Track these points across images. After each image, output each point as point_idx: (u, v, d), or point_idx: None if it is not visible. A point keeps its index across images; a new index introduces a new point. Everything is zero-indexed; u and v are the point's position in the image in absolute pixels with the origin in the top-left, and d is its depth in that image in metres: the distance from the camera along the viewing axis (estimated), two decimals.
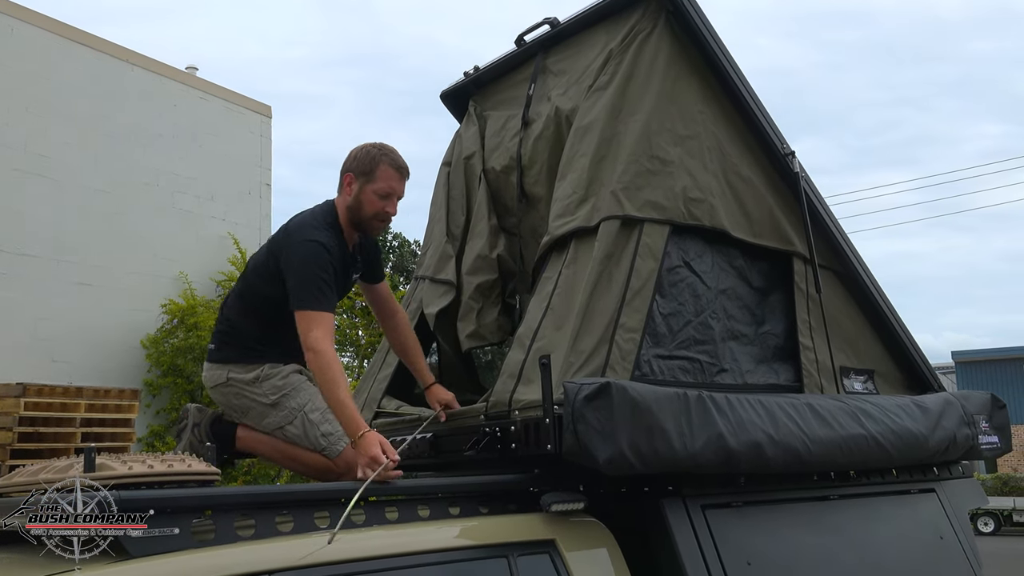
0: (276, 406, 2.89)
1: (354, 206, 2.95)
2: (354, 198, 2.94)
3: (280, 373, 2.91)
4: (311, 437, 2.85)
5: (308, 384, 2.92)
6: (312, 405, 2.87)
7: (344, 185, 2.97)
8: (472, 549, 2.41)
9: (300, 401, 2.88)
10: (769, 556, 2.82)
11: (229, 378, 2.94)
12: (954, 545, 3.44)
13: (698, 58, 3.30)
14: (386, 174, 2.94)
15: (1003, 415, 3.85)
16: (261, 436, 2.96)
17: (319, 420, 2.86)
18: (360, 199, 2.93)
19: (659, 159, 3.10)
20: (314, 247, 2.80)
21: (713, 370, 3.08)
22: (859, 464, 3.16)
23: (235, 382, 2.93)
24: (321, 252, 2.79)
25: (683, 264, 3.10)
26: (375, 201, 2.93)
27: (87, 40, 10.26)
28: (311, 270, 2.76)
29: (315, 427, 2.85)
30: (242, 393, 2.93)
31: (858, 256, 3.71)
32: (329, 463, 2.83)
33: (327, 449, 2.83)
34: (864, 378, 3.64)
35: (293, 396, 2.89)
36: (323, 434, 2.84)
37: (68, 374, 9.22)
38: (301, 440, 2.86)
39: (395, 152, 2.99)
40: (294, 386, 2.90)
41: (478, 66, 4.07)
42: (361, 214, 2.95)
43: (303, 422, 2.86)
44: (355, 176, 2.95)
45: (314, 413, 2.86)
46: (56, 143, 9.74)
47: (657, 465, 2.52)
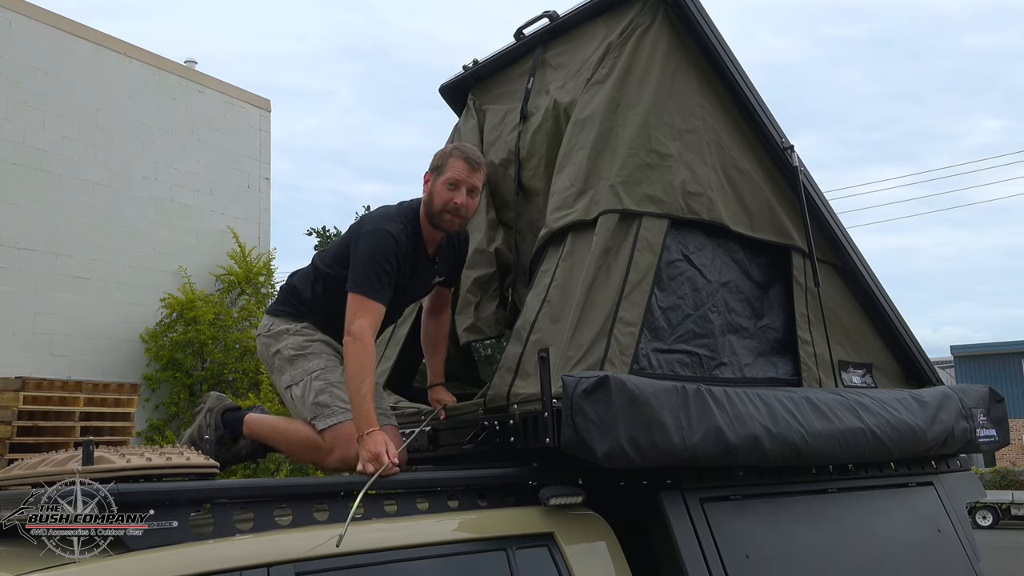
0: (291, 362, 2.93)
1: (428, 201, 2.98)
2: (428, 193, 2.98)
3: (311, 336, 2.95)
4: (307, 402, 2.85)
5: (331, 357, 2.93)
6: (322, 373, 2.87)
7: (424, 185, 3.01)
8: (471, 542, 2.41)
9: (313, 366, 2.90)
10: (767, 549, 2.83)
11: (271, 327, 3.02)
12: (952, 538, 3.45)
13: (697, 52, 3.30)
14: (455, 165, 2.95)
15: (1001, 409, 3.86)
16: (265, 419, 2.99)
17: (320, 388, 2.85)
18: (432, 193, 2.96)
19: (658, 153, 3.09)
20: (383, 236, 2.84)
21: (712, 364, 3.08)
22: (857, 457, 3.17)
23: (274, 331, 3.01)
24: (389, 242, 2.83)
25: (683, 258, 3.10)
26: (443, 192, 2.93)
27: (85, 33, 10.23)
28: (375, 258, 2.80)
29: (314, 393, 2.84)
30: (272, 344, 3.00)
31: (856, 250, 3.71)
32: (317, 438, 2.81)
33: (318, 419, 2.81)
34: (862, 372, 3.64)
35: (309, 359, 2.91)
36: (318, 403, 2.83)
37: (67, 368, 9.23)
38: (299, 404, 2.87)
39: (470, 147, 3.04)
40: (315, 351, 2.93)
41: (477, 60, 4.06)
42: (433, 208, 2.96)
43: (306, 386, 2.87)
44: (431, 172, 3.00)
45: (319, 381, 2.86)
46: (54, 137, 9.73)
47: (655, 458, 2.52)
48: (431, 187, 2.97)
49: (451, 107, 4.26)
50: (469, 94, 4.11)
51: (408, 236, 2.91)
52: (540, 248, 3.19)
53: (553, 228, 3.08)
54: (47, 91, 9.74)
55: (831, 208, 3.66)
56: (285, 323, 3.00)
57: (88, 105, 10.10)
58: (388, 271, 2.81)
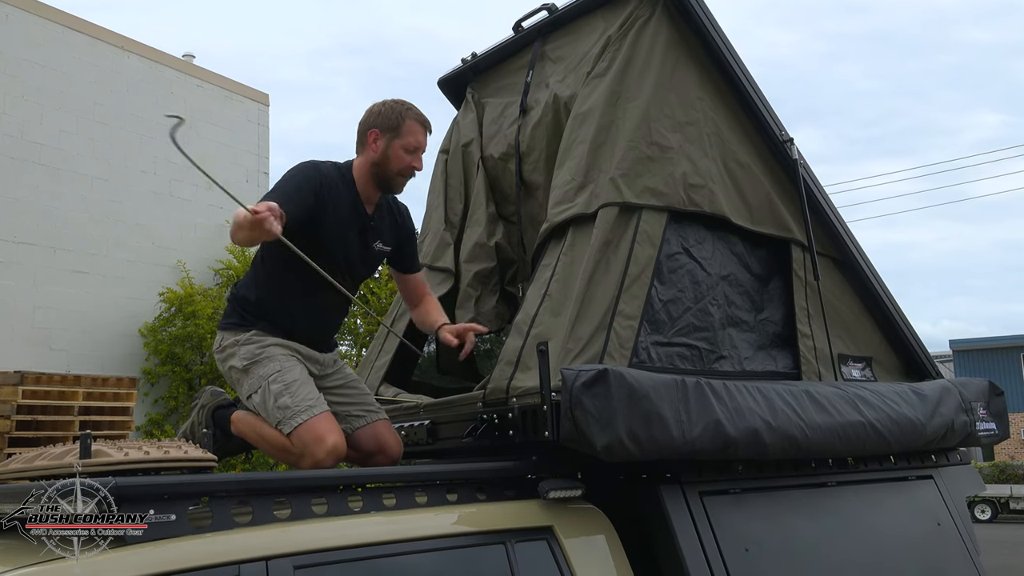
0: (246, 372, 2.82)
1: (381, 161, 2.91)
2: (381, 154, 2.90)
3: (261, 342, 2.85)
4: (269, 408, 2.75)
5: (285, 357, 2.83)
6: (277, 376, 2.77)
7: (369, 142, 2.93)
8: (470, 535, 2.41)
9: (267, 370, 2.79)
10: (767, 543, 2.83)
11: (222, 342, 2.93)
12: (951, 531, 3.45)
13: (696, 44, 3.29)
14: (413, 129, 2.91)
15: (1000, 402, 3.85)
16: (248, 420, 2.90)
17: (279, 391, 2.75)
18: (388, 155, 2.90)
19: (658, 145, 3.08)
20: (303, 163, 2.83)
21: (712, 357, 3.08)
22: (857, 451, 3.16)
23: (225, 345, 2.91)
24: (307, 167, 2.82)
25: (683, 251, 3.09)
26: (402, 156, 2.90)
27: (83, 27, 10.22)
28: (289, 175, 2.78)
29: (273, 397, 2.74)
30: (226, 359, 2.90)
31: (856, 244, 3.70)
32: (286, 441, 2.72)
33: (282, 423, 2.72)
34: (862, 365, 3.64)
35: (264, 364, 2.81)
36: (279, 406, 2.73)
37: (66, 362, 9.24)
38: (263, 411, 2.78)
39: (417, 107, 2.98)
40: (268, 356, 2.82)
41: (476, 53, 4.04)
42: (388, 170, 2.91)
43: (265, 391, 2.77)
44: (381, 132, 2.91)
45: (276, 384, 2.76)
46: (52, 131, 9.72)
47: (655, 452, 2.51)
48: (385, 148, 2.90)
49: (450, 100, 4.24)
50: (468, 87, 4.09)
51: (337, 177, 2.86)
52: (541, 242, 3.18)
53: (554, 222, 3.07)
54: (45, 85, 9.73)
55: (831, 201, 3.65)
56: (234, 335, 2.89)
57: (86, 99, 10.09)
58: (299, 188, 2.73)
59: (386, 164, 2.90)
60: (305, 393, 2.75)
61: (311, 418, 2.68)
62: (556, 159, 3.25)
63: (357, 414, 2.96)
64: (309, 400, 2.73)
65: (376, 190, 2.96)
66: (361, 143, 2.95)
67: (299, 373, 2.80)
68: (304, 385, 2.77)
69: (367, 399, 3.03)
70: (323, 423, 2.69)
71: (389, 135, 2.90)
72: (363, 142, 2.94)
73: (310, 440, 2.65)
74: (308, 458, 2.66)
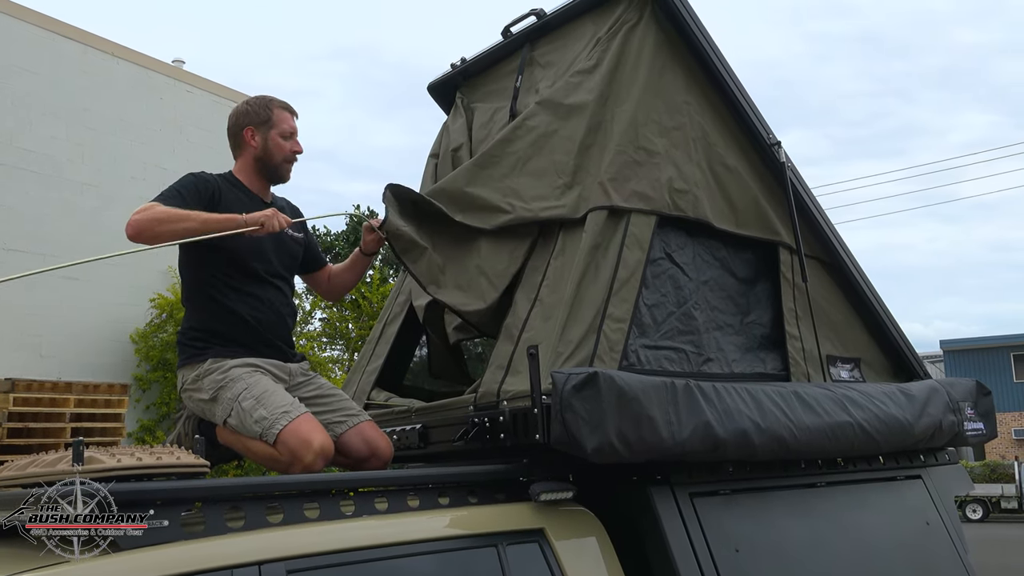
0: (216, 400, 2.82)
1: (263, 156, 3.05)
2: (261, 148, 3.05)
3: (221, 367, 2.84)
4: (247, 425, 2.75)
5: (248, 374, 2.83)
6: (246, 393, 2.77)
7: (247, 141, 3.06)
8: (461, 538, 2.42)
9: (235, 391, 2.79)
10: (757, 543, 2.85)
11: (184, 381, 2.91)
12: (940, 530, 3.48)
13: (684, 48, 3.31)
14: (282, 116, 3.08)
15: (988, 402, 3.89)
16: (231, 433, 2.87)
17: (251, 407, 2.75)
18: (267, 146, 3.04)
19: (645, 150, 3.11)
20: (193, 173, 2.97)
21: (699, 360, 3.10)
22: (845, 451, 3.19)
23: (187, 382, 2.90)
24: (199, 175, 2.97)
25: (665, 256, 3.12)
26: (282, 144, 3.05)
27: (73, 34, 10.19)
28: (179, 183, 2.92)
29: (248, 414, 2.74)
30: (193, 394, 2.89)
31: (844, 245, 3.73)
32: (272, 450, 2.72)
33: (264, 434, 2.71)
34: (850, 366, 3.66)
35: (229, 388, 2.80)
36: (256, 420, 2.73)
37: (57, 369, 9.20)
38: (242, 430, 2.77)
39: (277, 97, 3.13)
40: (232, 378, 2.82)
41: (465, 58, 4.06)
42: (272, 160, 3.05)
43: (238, 411, 2.77)
44: (255, 127, 3.05)
45: (247, 400, 2.76)
46: (42, 137, 9.70)
47: (645, 453, 2.53)
48: (264, 142, 3.04)
49: (439, 105, 4.26)
50: (457, 92, 4.11)
51: (225, 183, 3.01)
52: (528, 237, 3.15)
53: (540, 217, 3.08)
54: (34, 91, 9.70)
55: (818, 203, 3.68)
56: (192, 370, 2.88)
57: (75, 105, 10.07)
58: (182, 190, 2.88)
59: (269, 155, 3.05)
60: (278, 401, 2.75)
61: (290, 422, 2.69)
62: (535, 142, 3.20)
63: (339, 420, 2.94)
64: (283, 406, 2.73)
65: (266, 184, 3.11)
66: (238, 145, 3.09)
67: (267, 384, 2.80)
68: (275, 394, 2.77)
69: (346, 404, 3.02)
70: (305, 425, 2.70)
71: (264, 128, 3.05)
72: (240, 144, 3.08)
73: (296, 444, 2.66)
74: (297, 464, 2.66)
